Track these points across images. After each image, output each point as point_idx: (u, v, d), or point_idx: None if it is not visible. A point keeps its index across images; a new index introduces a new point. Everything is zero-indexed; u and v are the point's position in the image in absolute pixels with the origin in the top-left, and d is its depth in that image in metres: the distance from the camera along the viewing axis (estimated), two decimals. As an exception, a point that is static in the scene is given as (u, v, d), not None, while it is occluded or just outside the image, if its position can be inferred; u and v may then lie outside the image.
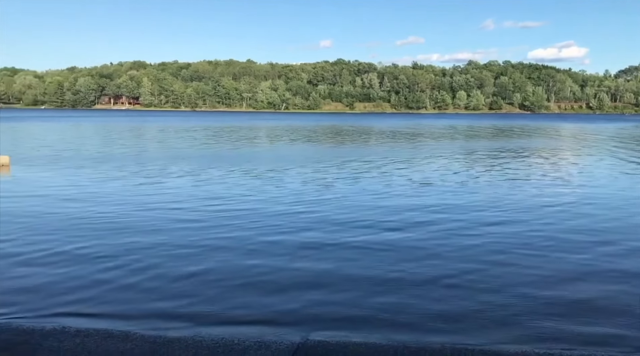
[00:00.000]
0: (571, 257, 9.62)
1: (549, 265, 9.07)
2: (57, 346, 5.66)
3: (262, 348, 5.66)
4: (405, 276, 8.41)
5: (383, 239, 10.71)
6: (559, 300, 7.44)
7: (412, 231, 11.43)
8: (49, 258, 9.34)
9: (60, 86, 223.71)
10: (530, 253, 9.86)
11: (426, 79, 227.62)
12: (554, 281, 8.27)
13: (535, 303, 7.31)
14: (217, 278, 8.27)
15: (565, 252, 9.94)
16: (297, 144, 40.39)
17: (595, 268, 8.99)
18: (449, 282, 8.16)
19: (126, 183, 18.48)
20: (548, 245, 10.42)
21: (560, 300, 7.47)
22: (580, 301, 7.41)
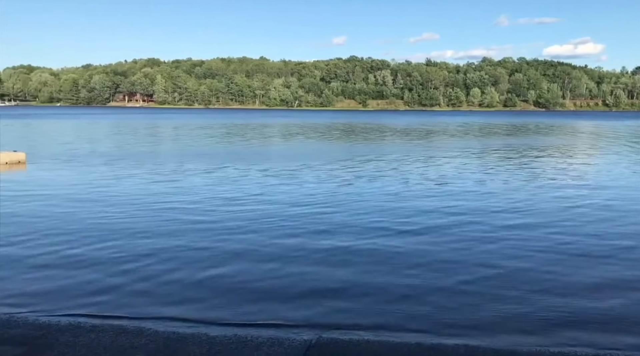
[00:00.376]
0: (594, 261, 9.28)
1: (570, 270, 8.71)
2: (73, 341, 5.72)
3: (275, 345, 5.68)
4: (421, 280, 8.22)
5: (400, 242, 10.46)
6: (579, 307, 7.16)
7: (429, 234, 11.13)
8: (63, 259, 9.44)
9: (75, 84, 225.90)
10: (551, 257, 9.46)
11: (440, 76, 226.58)
12: (576, 287, 7.95)
13: (556, 311, 7.03)
14: (232, 280, 8.22)
15: (587, 256, 9.55)
16: (311, 142, 40.36)
17: (619, 274, 8.59)
18: (465, 287, 7.93)
19: (142, 182, 18.50)
20: (570, 249, 10.02)
21: (580, 306, 7.19)
22: (602, 309, 7.11)
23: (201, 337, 5.91)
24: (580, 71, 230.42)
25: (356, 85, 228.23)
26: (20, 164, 23.19)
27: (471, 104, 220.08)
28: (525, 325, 6.60)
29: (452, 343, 5.85)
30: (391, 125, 73.03)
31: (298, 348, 5.62)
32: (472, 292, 7.71)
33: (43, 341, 5.72)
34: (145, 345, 5.67)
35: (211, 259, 9.21)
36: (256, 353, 5.48)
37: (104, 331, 6.02)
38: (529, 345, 5.92)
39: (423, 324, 6.58)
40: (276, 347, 5.63)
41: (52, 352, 5.43)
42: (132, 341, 5.76)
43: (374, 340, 5.91)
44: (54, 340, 5.76)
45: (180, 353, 5.45)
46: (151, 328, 6.17)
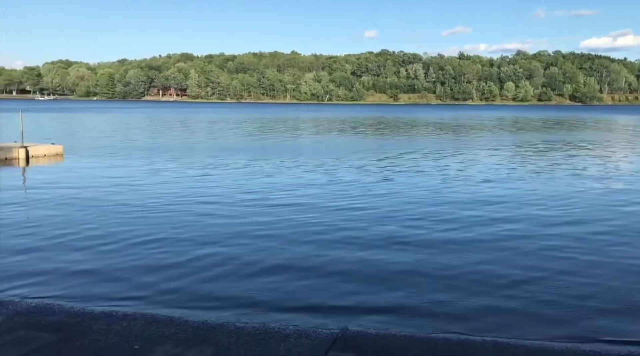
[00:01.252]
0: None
1: (615, 274, 8.34)
2: (106, 329, 5.87)
3: (302, 337, 5.73)
4: (459, 278, 8.10)
5: (438, 237, 10.28)
6: (620, 312, 6.91)
7: (468, 230, 10.89)
8: (99, 247, 9.69)
9: (111, 78, 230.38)
10: (596, 259, 9.11)
11: (473, 69, 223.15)
12: (620, 291, 7.62)
13: (588, 311, 6.86)
14: (269, 268, 8.37)
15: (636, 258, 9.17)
16: (345, 136, 40.32)
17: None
18: (503, 284, 7.84)
19: (178, 175, 18.71)
20: (617, 250, 9.61)
21: (623, 311, 6.95)
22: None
23: (229, 327, 6.00)
24: (619, 64, 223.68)
25: (387, 79, 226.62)
26: (58, 156, 23.83)
27: (505, 98, 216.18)
28: (555, 323, 6.49)
29: (480, 339, 5.80)
30: (425, 119, 72.26)
31: (324, 339, 5.65)
32: (512, 292, 7.55)
33: (77, 328, 5.89)
34: (175, 333, 5.79)
35: (243, 253, 9.30)
36: (283, 344, 5.54)
37: (136, 320, 6.17)
38: (559, 341, 5.84)
39: (448, 321, 6.53)
40: (303, 338, 5.67)
41: (86, 339, 5.59)
42: (163, 330, 5.89)
43: (401, 333, 5.90)
44: (87, 327, 5.93)
45: (209, 342, 5.55)
46: (181, 317, 6.30)
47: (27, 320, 6.10)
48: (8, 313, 6.34)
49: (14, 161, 21.94)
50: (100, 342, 5.52)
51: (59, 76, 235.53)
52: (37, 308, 6.55)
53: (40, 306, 6.61)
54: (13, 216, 11.90)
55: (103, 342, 5.52)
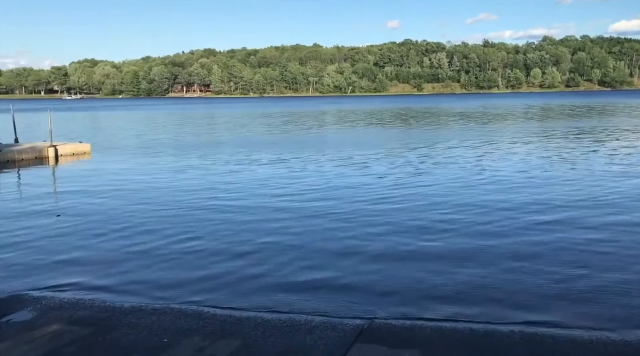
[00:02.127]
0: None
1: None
2: (135, 323, 6.00)
3: (327, 329, 5.76)
4: (495, 278, 7.85)
5: (478, 243, 9.64)
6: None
7: (508, 234, 10.12)
8: (130, 244, 9.87)
9: (136, 76, 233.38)
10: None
11: (498, 57, 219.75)
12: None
13: (621, 303, 6.64)
14: (300, 260, 8.48)
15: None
16: (373, 128, 40.14)
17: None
18: (523, 277, 7.78)
19: (211, 171, 18.71)
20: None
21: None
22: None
23: (256, 320, 6.07)
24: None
25: (411, 69, 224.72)
26: (85, 154, 24.28)
27: (531, 86, 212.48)
28: (586, 314, 6.38)
29: (507, 330, 5.75)
30: (451, 109, 71.42)
31: (350, 331, 5.67)
32: (531, 282, 7.49)
33: (108, 322, 6.03)
34: (203, 327, 5.88)
35: (272, 248, 9.36)
36: (309, 336, 5.58)
37: (164, 314, 6.28)
38: (588, 330, 5.75)
39: (478, 313, 6.47)
40: (329, 331, 5.71)
41: (116, 333, 5.71)
42: (191, 323, 5.99)
43: (427, 325, 5.89)
44: (118, 321, 6.06)
45: (236, 335, 5.62)
46: (209, 311, 6.39)
47: (60, 315, 6.26)
48: (42, 308, 6.52)
49: (44, 160, 22.43)
50: (131, 336, 5.64)
51: (85, 75, 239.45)
52: (69, 303, 6.72)
53: (72, 301, 6.77)
54: (44, 214, 12.18)
55: (133, 336, 5.64)
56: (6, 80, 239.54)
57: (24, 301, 6.77)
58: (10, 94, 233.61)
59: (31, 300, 6.83)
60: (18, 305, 6.65)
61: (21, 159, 22.18)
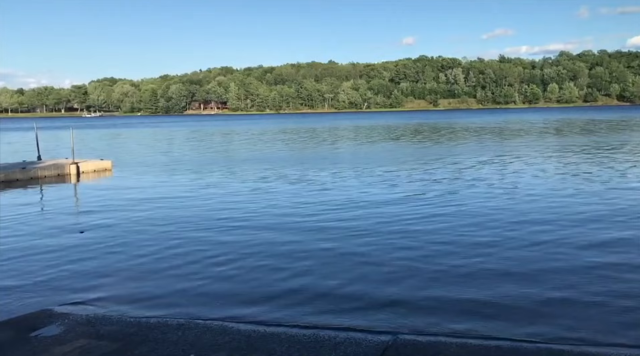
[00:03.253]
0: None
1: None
2: (162, 338, 6.07)
3: (352, 345, 5.77)
4: (533, 294, 7.76)
5: (508, 255, 9.55)
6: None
7: (534, 243, 10.14)
8: (149, 258, 9.99)
9: (154, 94, 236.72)
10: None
11: (514, 72, 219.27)
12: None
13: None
14: (320, 283, 8.46)
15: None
16: (392, 143, 40.15)
17: None
18: (553, 294, 7.73)
19: (234, 189, 18.79)
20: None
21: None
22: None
23: (281, 336, 6.10)
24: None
25: (426, 85, 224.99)
26: (106, 171, 24.63)
27: (548, 101, 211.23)
28: (616, 331, 6.31)
29: (534, 347, 5.71)
30: (470, 124, 71.18)
31: (375, 348, 5.68)
32: (559, 299, 7.42)
33: (135, 337, 6.10)
34: (228, 342, 5.92)
35: (296, 261, 9.42)
36: (334, 352, 5.60)
37: (190, 329, 6.34)
38: (618, 348, 5.68)
39: (504, 330, 6.44)
40: (354, 347, 5.72)
41: (144, 348, 5.78)
42: (216, 338, 6.04)
43: (452, 341, 5.87)
44: (144, 336, 6.13)
45: (261, 351, 5.66)
46: (234, 326, 6.44)
47: (88, 330, 6.35)
48: (70, 323, 6.62)
49: (66, 177, 22.81)
50: (158, 351, 5.70)
51: (105, 93, 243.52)
52: (96, 318, 6.81)
53: (99, 317, 6.87)
54: (67, 230, 12.37)
55: (160, 351, 5.70)
56: (28, 99, 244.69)
57: (52, 316, 6.89)
58: (32, 112, 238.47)
59: (59, 315, 6.94)
60: (47, 319, 6.76)
61: (44, 176, 22.58)
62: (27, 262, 9.74)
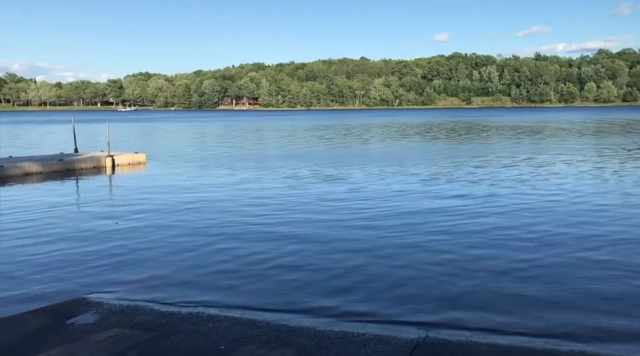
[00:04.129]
0: None
1: None
2: (193, 329, 6.15)
3: (381, 342, 5.75)
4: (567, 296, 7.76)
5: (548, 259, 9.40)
6: None
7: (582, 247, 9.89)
8: (180, 248, 10.14)
9: (187, 89, 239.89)
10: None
11: (550, 70, 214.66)
12: None
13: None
14: (357, 276, 8.47)
15: None
16: (429, 142, 39.84)
17: None
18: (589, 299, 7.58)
19: (268, 184, 18.77)
20: None
21: None
22: None
23: (309, 331, 6.12)
24: None
25: (459, 82, 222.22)
26: (141, 164, 25.08)
27: (585, 100, 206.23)
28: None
29: (567, 349, 5.60)
30: (506, 123, 69.97)
31: (405, 346, 5.65)
32: (596, 303, 7.26)
33: (167, 328, 6.21)
34: (258, 335, 5.97)
35: (331, 257, 9.44)
36: (363, 349, 5.59)
37: (220, 322, 6.42)
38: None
39: (537, 329, 6.33)
40: (383, 344, 5.70)
41: (175, 338, 5.88)
42: (246, 331, 6.09)
43: (482, 341, 5.80)
44: (176, 327, 6.24)
45: (290, 345, 5.69)
46: (263, 320, 6.49)
47: (121, 319, 6.49)
48: (104, 311, 6.78)
49: (101, 169, 23.31)
50: (189, 341, 5.79)
51: (140, 87, 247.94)
52: (130, 308, 6.95)
53: (132, 306, 7.01)
54: (102, 221, 12.65)
55: (191, 342, 5.79)
56: (66, 92, 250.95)
57: (87, 305, 7.06)
58: (69, 105, 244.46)
59: (94, 304, 7.11)
60: (82, 308, 6.93)
61: (80, 168, 23.12)
62: (63, 251, 10.00)
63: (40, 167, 21.99)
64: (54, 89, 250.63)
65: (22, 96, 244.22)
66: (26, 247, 10.34)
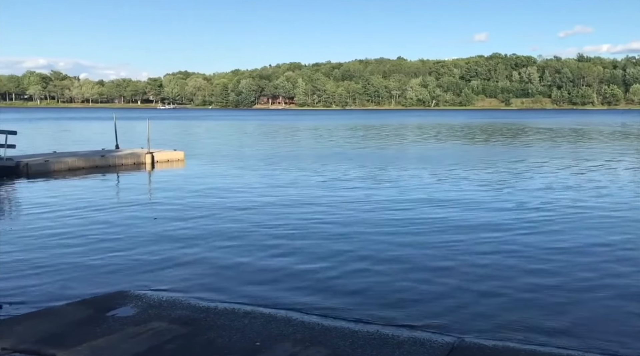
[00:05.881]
0: None
1: None
2: (229, 325, 6.23)
3: (416, 345, 5.71)
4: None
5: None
6: None
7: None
8: (218, 245, 10.28)
9: (225, 88, 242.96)
10: None
11: (594, 72, 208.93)
12: None
13: None
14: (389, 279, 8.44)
15: None
16: (471, 143, 39.35)
17: None
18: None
19: (308, 184, 18.52)
20: None
21: None
22: None
23: (344, 330, 6.12)
24: None
25: (498, 83, 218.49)
26: (179, 161, 25.53)
27: (630, 102, 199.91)
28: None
29: None
30: (551, 125, 68.43)
31: (440, 349, 5.59)
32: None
33: (204, 323, 6.31)
34: (292, 334, 6.01)
35: (370, 259, 9.42)
36: (398, 351, 5.56)
37: (256, 318, 6.48)
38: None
39: (573, 340, 6.19)
40: (418, 347, 5.66)
41: (212, 333, 5.97)
42: (281, 329, 6.14)
43: (520, 348, 5.69)
44: (212, 322, 6.33)
45: (324, 344, 5.70)
46: (298, 318, 6.53)
47: (159, 313, 6.62)
48: (143, 305, 6.93)
49: (141, 166, 23.83)
50: (225, 337, 5.87)
51: (179, 86, 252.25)
52: (168, 302, 7.09)
53: (170, 301, 7.15)
54: (142, 217, 12.93)
55: (227, 337, 5.87)
56: (108, 90, 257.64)
57: (127, 298, 7.23)
58: (110, 103, 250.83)
59: (133, 297, 7.27)
60: (122, 301, 7.10)
61: (121, 164, 23.68)
62: (102, 245, 10.26)
63: (83, 162, 22.62)
64: (96, 87, 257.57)
65: (66, 93, 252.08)
66: (66, 240, 10.65)
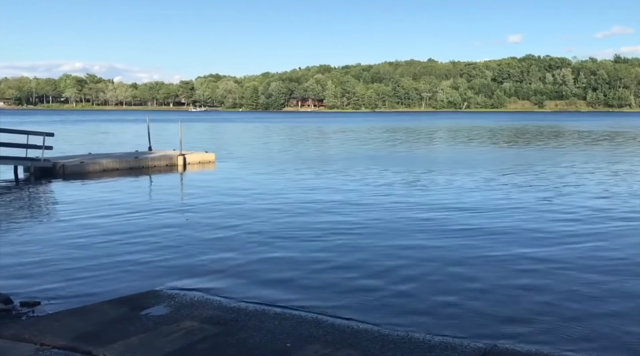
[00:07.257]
0: None
1: None
2: (259, 326, 6.28)
3: (448, 349, 5.65)
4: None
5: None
6: None
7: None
8: (249, 247, 10.37)
9: (255, 90, 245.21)
10: None
11: (631, 73, 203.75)
12: None
13: None
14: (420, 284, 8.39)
15: None
16: (508, 147, 38.86)
17: None
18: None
19: (342, 188, 18.12)
20: None
21: None
22: None
23: (374, 333, 6.10)
24: None
25: (531, 85, 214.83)
26: (210, 163, 25.84)
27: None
28: None
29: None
30: (594, 129, 66.98)
31: (472, 353, 5.52)
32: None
33: (235, 323, 6.36)
34: (322, 336, 6.01)
35: (401, 264, 9.38)
36: (428, 354, 5.52)
37: (286, 320, 6.51)
38: None
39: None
40: (449, 351, 5.60)
41: (243, 334, 6.02)
42: (311, 330, 6.15)
43: (554, 354, 5.58)
44: (243, 323, 6.38)
45: (355, 347, 5.69)
46: (328, 320, 6.53)
47: (191, 313, 6.71)
48: (175, 304, 7.03)
49: (173, 167, 24.20)
50: (256, 337, 5.91)
51: (210, 89, 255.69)
52: (199, 302, 7.18)
53: (202, 301, 7.23)
54: (174, 217, 13.13)
55: (258, 338, 5.91)
56: (141, 93, 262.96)
57: (159, 297, 7.34)
58: (143, 105, 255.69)
59: (165, 297, 7.39)
60: (154, 300, 7.22)
61: (154, 165, 24.08)
62: (135, 244, 10.44)
63: (117, 163, 23.08)
64: (130, 90, 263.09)
65: (101, 96, 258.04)
66: (99, 239, 10.86)
